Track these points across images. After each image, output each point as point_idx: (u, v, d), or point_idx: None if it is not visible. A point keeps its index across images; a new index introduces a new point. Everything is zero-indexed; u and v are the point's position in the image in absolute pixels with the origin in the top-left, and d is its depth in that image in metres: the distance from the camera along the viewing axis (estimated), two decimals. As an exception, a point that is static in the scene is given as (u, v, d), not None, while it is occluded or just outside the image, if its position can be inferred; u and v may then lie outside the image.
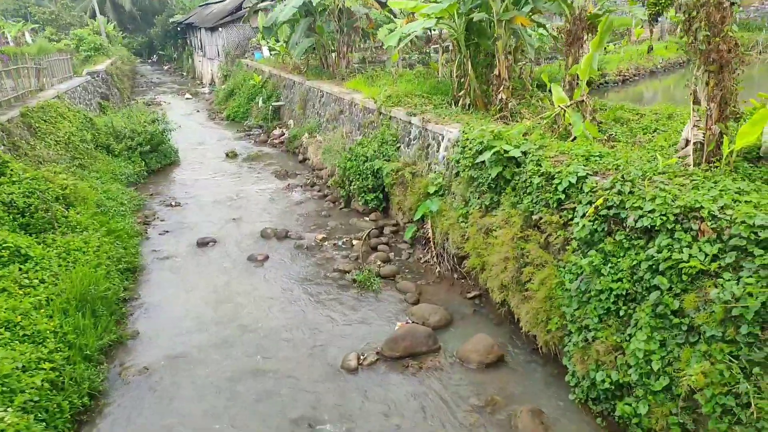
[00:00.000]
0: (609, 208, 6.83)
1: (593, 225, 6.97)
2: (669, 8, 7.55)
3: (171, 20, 58.16)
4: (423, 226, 11.33)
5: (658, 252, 6.11)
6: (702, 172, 6.97)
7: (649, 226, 6.33)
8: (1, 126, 12.14)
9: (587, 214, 7.01)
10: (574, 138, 9.53)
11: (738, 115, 7.64)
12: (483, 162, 9.24)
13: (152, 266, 11.21)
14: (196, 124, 27.52)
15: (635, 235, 6.53)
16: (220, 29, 37.56)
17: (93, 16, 58.24)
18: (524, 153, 8.73)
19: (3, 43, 23.30)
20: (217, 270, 11.00)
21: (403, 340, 7.99)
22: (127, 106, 29.67)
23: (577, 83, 10.43)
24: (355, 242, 11.86)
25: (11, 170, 10.75)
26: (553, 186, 7.80)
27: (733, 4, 6.98)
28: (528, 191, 8.37)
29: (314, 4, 19.95)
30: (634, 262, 6.35)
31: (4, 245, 8.40)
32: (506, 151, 8.83)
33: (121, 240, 11.17)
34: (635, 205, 6.52)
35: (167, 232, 13.04)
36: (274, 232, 12.61)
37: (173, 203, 15.02)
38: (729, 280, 5.44)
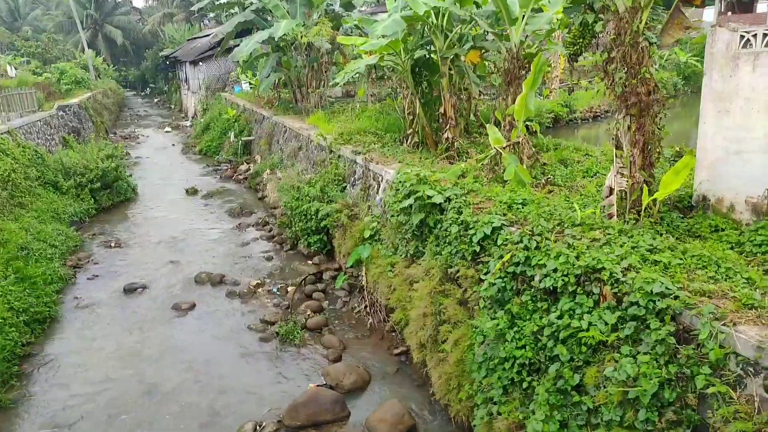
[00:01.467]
0: (516, 264, 6.22)
1: (502, 282, 6.35)
2: (588, 48, 7.16)
3: (161, 54, 58.66)
4: (358, 273, 10.72)
5: (559, 317, 5.48)
6: (620, 224, 6.38)
7: (551, 287, 5.71)
8: None
9: (493, 271, 6.40)
10: (507, 182, 8.99)
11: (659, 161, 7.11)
12: (411, 207, 8.70)
13: (67, 316, 10.56)
14: (167, 158, 27.21)
15: (540, 296, 5.90)
16: (201, 63, 37.65)
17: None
18: (448, 199, 8.17)
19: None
20: (136, 321, 10.34)
21: (305, 408, 7.28)
22: (105, 140, 29.47)
23: (515, 124, 9.94)
24: (289, 289, 11.22)
25: None
26: (469, 237, 7.22)
27: (652, 44, 6.51)
28: (447, 241, 7.79)
29: (276, 40, 19.71)
30: (537, 328, 5.71)
31: None
32: (429, 197, 8.28)
33: (35, 287, 10.52)
34: (540, 262, 5.92)
35: (96, 276, 12.43)
36: (209, 277, 11.99)
37: (113, 244, 14.45)
38: (626, 355, 4.79)
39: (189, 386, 8.17)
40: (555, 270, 5.70)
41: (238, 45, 23.35)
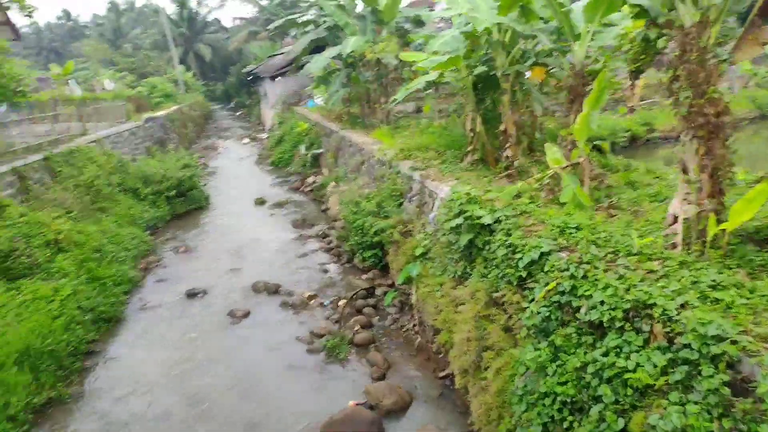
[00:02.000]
0: (561, 293, 5.82)
1: (547, 311, 5.96)
2: (650, 65, 6.66)
3: (244, 70, 61.42)
4: (409, 290, 10.52)
5: (605, 354, 5.04)
6: (682, 256, 5.83)
7: (598, 321, 5.28)
8: (13, 170, 12.66)
9: (537, 299, 6.02)
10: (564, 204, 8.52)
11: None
12: (460, 226, 8.46)
13: (132, 317, 11.06)
14: (241, 169, 28.30)
15: (586, 329, 5.48)
16: (278, 78, 39.02)
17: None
18: (497, 220, 7.85)
19: (46, 87, 24.98)
20: (193, 325, 10.67)
21: (341, 425, 7.15)
22: (187, 150, 31.19)
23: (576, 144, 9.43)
24: (341, 303, 11.20)
25: (7, 215, 11.10)
26: (516, 261, 6.87)
27: (723, 61, 5.94)
28: (494, 263, 7.46)
29: (344, 56, 20.04)
30: (581, 364, 5.29)
31: (-36, 292, 8.47)
32: (478, 217, 8.00)
33: (104, 288, 11.12)
34: (587, 293, 5.49)
35: (163, 280, 12.98)
36: (266, 286, 12.21)
37: (182, 249, 15.09)
38: (675, 403, 4.30)
39: (233, 394, 8.28)
40: (602, 302, 5.27)
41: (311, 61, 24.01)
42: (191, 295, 12.03)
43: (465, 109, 13.74)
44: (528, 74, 12.25)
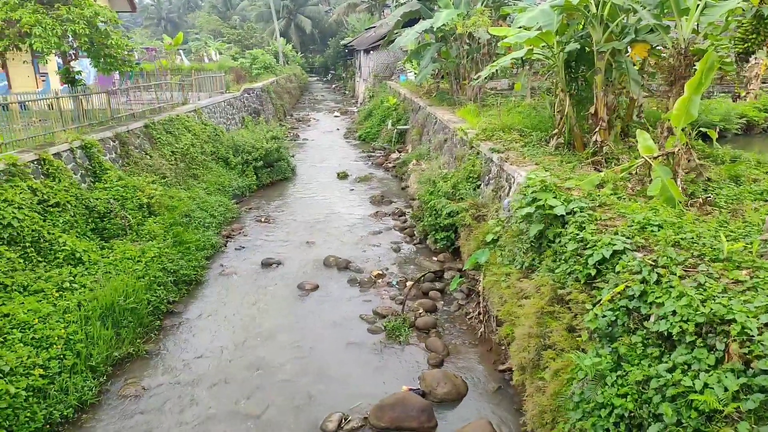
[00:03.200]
0: (630, 298, 5.33)
1: (613, 315, 5.50)
2: (761, 46, 5.69)
3: (342, 42, 62.16)
4: (477, 277, 10.22)
5: (670, 370, 4.56)
6: (779, 266, 5.11)
7: (667, 332, 4.77)
8: (116, 135, 13.65)
9: (603, 301, 5.56)
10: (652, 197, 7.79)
11: None
12: (531, 215, 8.02)
13: (211, 281, 11.66)
14: (329, 141, 28.81)
15: (653, 340, 4.98)
16: (372, 52, 39.04)
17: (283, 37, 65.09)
18: (571, 211, 7.34)
19: (155, 57, 26.53)
20: (265, 294, 11.06)
21: (391, 410, 7.11)
22: (281, 122, 32.29)
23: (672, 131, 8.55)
24: (408, 283, 11.12)
25: (107, 177, 12.01)
26: (585, 257, 6.39)
27: None
28: (563, 258, 7.00)
29: (435, 30, 19.54)
30: (644, 377, 4.82)
31: (62, 248, 9.29)
32: (551, 207, 7.52)
33: (188, 252, 11.78)
34: (657, 300, 4.98)
35: (243, 248, 13.55)
36: (336, 261, 12.39)
37: (263, 219, 15.66)
38: (745, 436, 3.80)
39: (292, 366, 8.50)
40: (673, 312, 4.75)
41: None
42: (266, 264, 12.46)
43: (554, 89, 13.00)
44: (629, 51, 11.26)
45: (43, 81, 21.36)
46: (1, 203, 8.77)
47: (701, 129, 10.57)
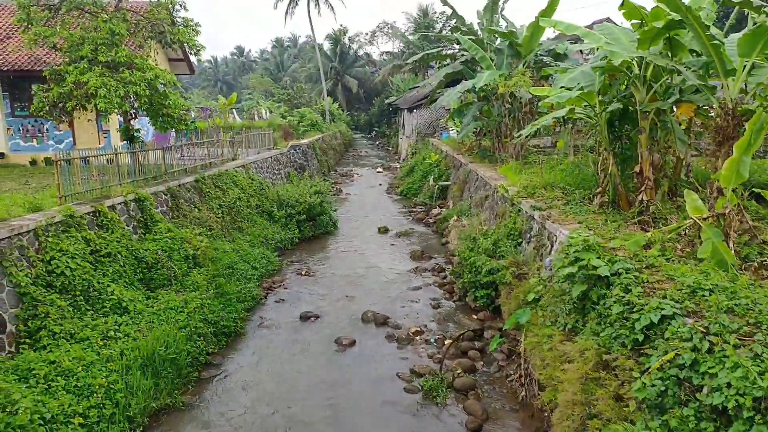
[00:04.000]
0: (681, 367, 5.02)
1: (662, 385, 5.17)
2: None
3: (386, 101, 63.95)
4: (518, 337, 9.89)
5: (727, 450, 4.21)
6: None
7: (722, 406, 4.44)
8: (168, 189, 14.22)
9: (652, 369, 5.25)
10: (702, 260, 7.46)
11: None
12: (574, 275, 7.80)
13: (250, 334, 11.70)
14: (372, 196, 29.19)
15: (707, 414, 4.63)
16: (415, 110, 39.95)
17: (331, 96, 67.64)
18: (616, 273, 7.09)
19: (209, 115, 27.86)
20: (302, 348, 11.01)
21: (426, 476, 6.79)
22: (325, 177, 33.04)
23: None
24: (446, 342, 10.86)
25: (157, 229, 12.44)
26: (632, 321, 6.10)
27: None
28: (608, 321, 6.71)
29: (477, 90, 19.90)
30: (698, 455, 4.47)
31: (109, 297, 9.56)
32: (594, 267, 7.30)
33: (229, 303, 11.92)
34: (711, 371, 4.67)
35: (283, 301, 13.62)
36: (374, 317, 12.27)
37: (304, 272, 15.76)
38: None
39: (327, 423, 8.30)
40: (728, 385, 4.43)
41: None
42: (305, 318, 12.45)
43: (598, 147, 12.90)
44: (674, 111, 11.13)
45: (104, 138, 22.74)
46: (56, 253, 9.17)
47: (754, 189, 10.18)
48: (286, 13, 60.76)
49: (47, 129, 22.02)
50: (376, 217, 23.52)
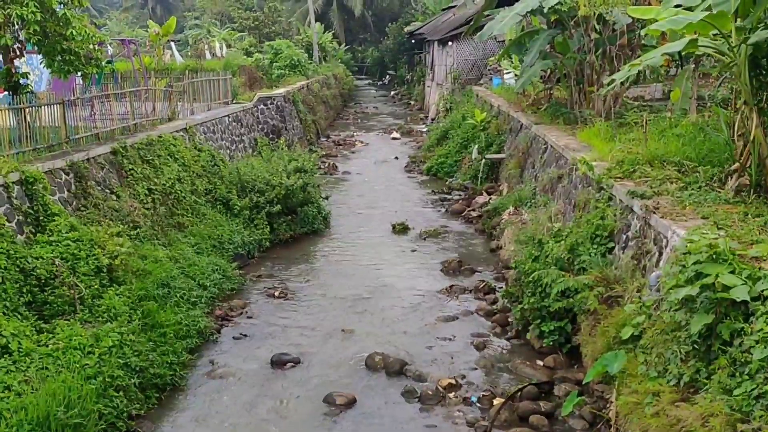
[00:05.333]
0: None
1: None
2: None
3: (405, 29, 63.97)
4: (606, 394, 9.89)
5: None
6: None
7: None
8: (70, 166, 14.33)
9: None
10: None
11: None
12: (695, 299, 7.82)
13: (195, 387, 11.85)
14: (383, 176, 29.39)
15: None
16: (451, 43, 39.90)
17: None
18: (761, 297, 7.11)
19: (130, 53, 27.79)
20: (273, 410, 11.15)
21: None
22: (311, 146, 33.27)
23: None
24: (495, 401, 10.90)
25: (54, 227, 12.55)
26: (785, 373, 6.08)
27: None
28: (748, 371, 6.73)
29: (546, 11, 19.80)
30: None
31: (-20, 331, 9.68)
32: (726, 287, 7.29)
33: (163, 340, 12.03)
34: None
35: (245, 336, 13.79)
36: (385, 362, 12.37)
37: (278, 293, 15.92)
38: None
39: None
40: None
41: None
42: (279, 363, 12.56)
43: (734, 101, 12.81)
44: None
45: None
46: None
47: None
48: None
49: None
50: (389, 207, 23.62)
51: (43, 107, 15.91)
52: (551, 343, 12.31)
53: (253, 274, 17.22)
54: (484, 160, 25.57)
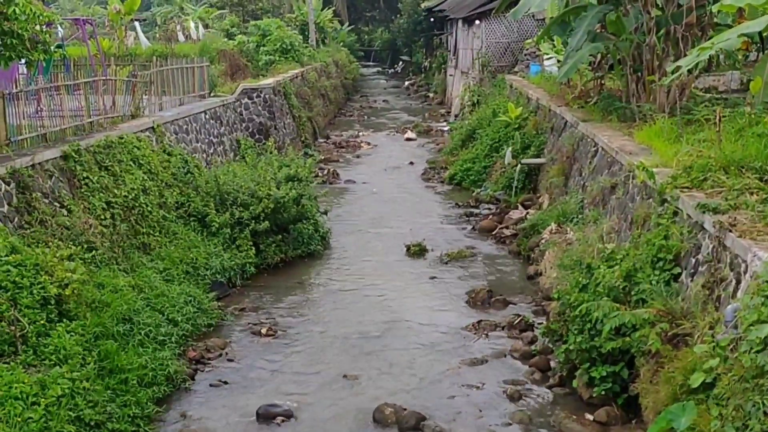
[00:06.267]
0: None
1: None
2: None
3: (423, 4, 64.26)
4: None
5: None
6: None
7: None
8: (11, 173, 14.40)
9: None
10: None
11: None
12: (780, 339, 7.83)
13: (163, 447, 11.85)
14: (395, 185, 29.55)
15: None
16: (478, 22, 39.98)
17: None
18: None
19: (85, 35, 27.82)
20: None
21: None
22: (306, 148, 33.33)
23: None
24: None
25: (-8, 249, 12.61)
26: None
27: None
28: None
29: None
30: None
31: None
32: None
33: (124, 389, 12.06)
34: None
35: (225, 384, 13.83)
36: (397, 417, 12.38)
37: (265, 331, 15.96)
38: None
39: None
40: None
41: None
42: (267, 416, 12.55)
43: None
44: None
45: None
46: None
47: None
48: None
49: None
50: (402, 225, 23.71)
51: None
52: (603, 393, 12.22)
53: (234, 306, 17.25)
54: (519, 166, 25.52)
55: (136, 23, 41.62)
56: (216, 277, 17.90)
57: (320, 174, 29.50)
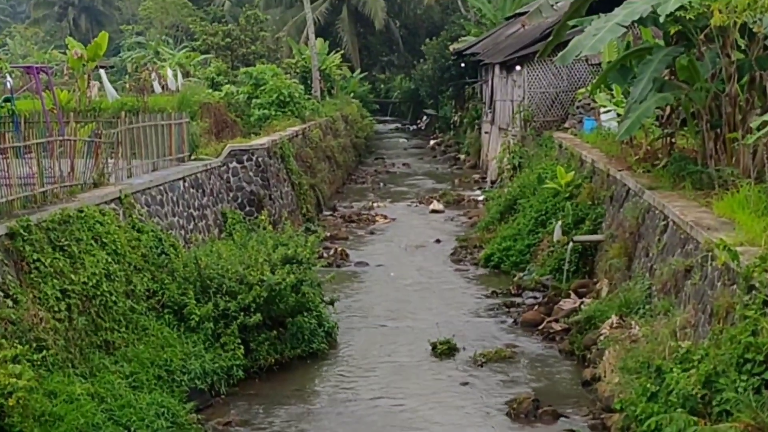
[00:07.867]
0: None
1: None
2: None
3: (451, 47, 64.92)
4: None
5: None
6: None
7: None
8: (-55, 258, 14.52)
9: None
10: None
11: None
12: None
13: None
14: (417, 269, 29.44)
15: None
16: (519, 68, 40.29)
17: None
18: None
19: (38, 85, 28.15)
20: None
21: None
22: (308, 223, 33.33)
23: None
24: None
25: None
26: None
27: None
28: None
29: (664, 19, 19.99)
30: None
31: None
32: None
33: None
34: None
35: None
36: None
37: (258, 452, 15.79)
38: None
39: None
40: None
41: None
42: None
43: None
44: None
45: None
46: None
47: None
48: None
49: None
50: (426, 317, 23.64)
51: None
52: None
53: (218, 420, 17.09)
54: (571, 245, 25.48)
55: (102, 71, 42.05)
56: (195, 384, 17.78)
57: (325, 255, 29.28)
